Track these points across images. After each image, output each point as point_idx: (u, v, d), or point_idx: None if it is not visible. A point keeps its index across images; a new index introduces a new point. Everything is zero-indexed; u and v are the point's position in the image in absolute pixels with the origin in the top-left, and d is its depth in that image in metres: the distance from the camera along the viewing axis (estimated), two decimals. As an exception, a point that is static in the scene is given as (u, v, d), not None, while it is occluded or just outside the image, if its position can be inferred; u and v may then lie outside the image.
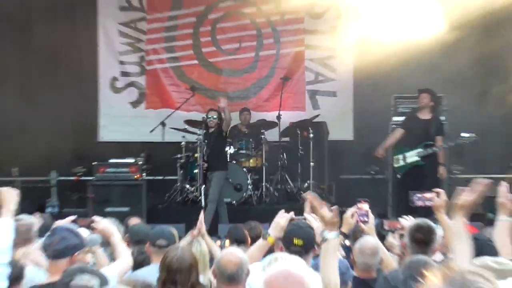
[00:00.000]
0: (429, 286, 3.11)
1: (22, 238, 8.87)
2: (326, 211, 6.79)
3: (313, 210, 6.93)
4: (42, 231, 8.98)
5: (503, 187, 8.53)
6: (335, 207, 7.09)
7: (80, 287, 5.73)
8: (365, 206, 9.59)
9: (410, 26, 19.11)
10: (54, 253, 7.32)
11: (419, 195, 10.44)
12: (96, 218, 8.40)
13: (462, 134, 18.04)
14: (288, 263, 4.49)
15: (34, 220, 9.91)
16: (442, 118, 19.02)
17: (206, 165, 18.39)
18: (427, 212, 9.80)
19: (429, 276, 3.13)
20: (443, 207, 8.54)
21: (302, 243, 8.11)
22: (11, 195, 7.70)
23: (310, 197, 7.18)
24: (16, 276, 7.54)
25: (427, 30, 19.24)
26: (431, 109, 18.55)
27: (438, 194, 8.56)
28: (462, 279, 3.06)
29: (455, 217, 5.72)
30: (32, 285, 7.58)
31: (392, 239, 10.36)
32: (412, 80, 20.17)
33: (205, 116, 18.56)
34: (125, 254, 8.28)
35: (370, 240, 8.83)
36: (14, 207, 7.73)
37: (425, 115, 18.50)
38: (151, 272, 7.91)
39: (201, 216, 10.93)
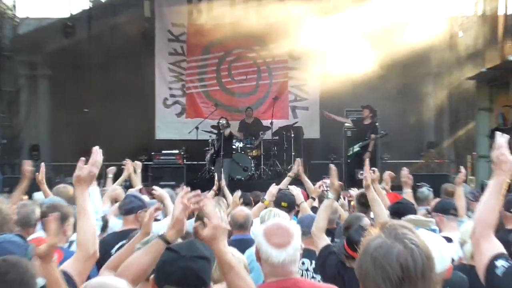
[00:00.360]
0: (371, 235, 3.00)
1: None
2: (336, 182, 6.99)
3: (332, 179, 7.05)
4: (118, 197, 9.05)
5: (404, 171, 9.18)
6: (340, 183, 7.17)
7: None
8: (328, 181, 9.56)
9: (356, 63, 19.10)
10: (125, 211, 7.36)
11: (361, 172, 10.42)
12: (155, 187, 8.41)
13: (380, 131, 18.43)
14: (279, 218, 4.52)
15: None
16: (377, 123, 19.06)
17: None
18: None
19: (371, 228, 3.10)
20: (376, 180, 8.53)
21: (287, 205, 8.27)
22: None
23: (333, 168, 7.35)
24: (104, 226, 7.53)
25: (368, 65, 19.22)
26: (370, 118, 18.53)
27: (373, 171, 8.55)
28: (394, 231, 2.94)
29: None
30: (112, 231, 7.59)
31: (343, 201, 10.49)
32: (358, 99, 20.16)
33: (218, 122, 18.59)
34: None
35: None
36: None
37: (366, 122, 18.52)
38: (190, 223, 7.88)
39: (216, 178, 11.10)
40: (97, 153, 4.60)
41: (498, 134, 4.39)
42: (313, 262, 6.51)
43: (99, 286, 2.98)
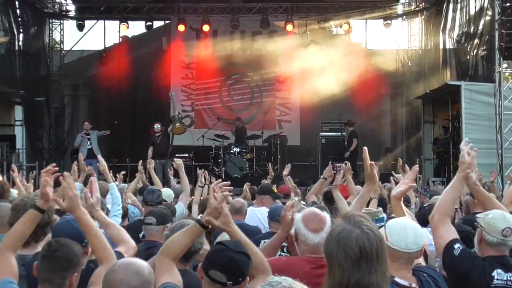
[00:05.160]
0: (338, 221, 3.08)
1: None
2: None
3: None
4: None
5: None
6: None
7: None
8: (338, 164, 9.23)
9: (328, 85, 19.14)
10: (145, 202, 7.22)
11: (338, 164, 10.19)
12: (176, 159, 8.83)
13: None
14: (313, 208, 4.58)
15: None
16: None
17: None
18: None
19: (336, 219, 3.17)
20: (349, 171, 8.35)
21: None
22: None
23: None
24: (124, 214, 7.43)
25: (337, 87, 19.28)
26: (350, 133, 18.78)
27: (346, 164, 8.44)
28: (353, 219, 3.01)
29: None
30: (137, 218, 7.45)
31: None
32: (331, 113, 20.03)
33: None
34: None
35: None
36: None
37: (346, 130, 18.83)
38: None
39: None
40: (94, 184, 4.41)
41: (464, 140, 4.38)
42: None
43: (125, 264, 2.98)
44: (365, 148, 4.65)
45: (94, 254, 3.92)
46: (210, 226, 3.66)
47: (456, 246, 4.15)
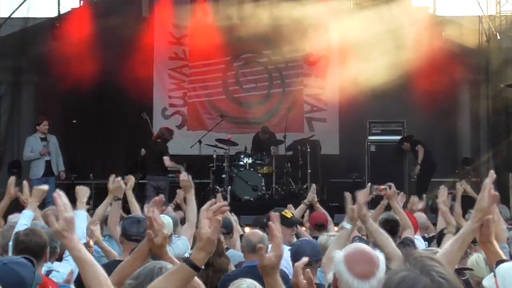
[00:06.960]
0: (395, 265, 3.12)
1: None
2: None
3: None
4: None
5: (443, 190, 8.55)
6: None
7: None
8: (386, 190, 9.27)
9: (379, 69, 18.92)
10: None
11: (375, 187, 10.59)
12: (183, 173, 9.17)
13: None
14: (360, 244, 4.68)
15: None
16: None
17: None
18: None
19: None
20: (394, 196, 8.75)
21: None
22: (85, 191, 8.14)
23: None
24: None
25: (393, 71, 19.01)
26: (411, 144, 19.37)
27: (389, 187, 8.71)
28: (420, 262, 2.98)
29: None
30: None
31: None
32: (381, 109, 20.44)
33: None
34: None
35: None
36: (85, 200, 8.08)
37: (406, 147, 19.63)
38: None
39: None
40: (59, 198, 4.13)
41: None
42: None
43: None
44: (492, 172, 4.67)
45: None
46: (203, 267, 3.85)
47: None
